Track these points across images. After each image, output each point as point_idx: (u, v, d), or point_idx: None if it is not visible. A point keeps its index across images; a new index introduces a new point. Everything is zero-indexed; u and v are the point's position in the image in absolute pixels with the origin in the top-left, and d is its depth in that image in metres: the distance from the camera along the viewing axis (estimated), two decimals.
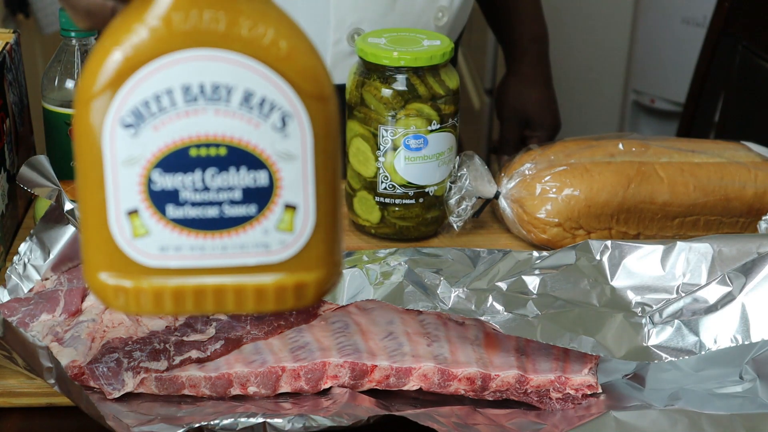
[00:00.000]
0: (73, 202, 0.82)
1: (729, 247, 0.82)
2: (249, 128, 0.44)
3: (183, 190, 0.44)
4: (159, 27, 0.42)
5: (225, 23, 0.42)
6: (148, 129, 0.43)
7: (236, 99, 0.43)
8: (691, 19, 2.03)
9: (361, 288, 0.80)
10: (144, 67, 0.43)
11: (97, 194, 0.44)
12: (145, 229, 0.45)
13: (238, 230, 0.45)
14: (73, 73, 0.98)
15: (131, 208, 0.44)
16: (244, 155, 0.44)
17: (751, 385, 0.79)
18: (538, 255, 0.85)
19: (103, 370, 0.75)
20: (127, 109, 0.43)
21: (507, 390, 0.78)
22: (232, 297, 0.46)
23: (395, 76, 0.94)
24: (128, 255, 0.45)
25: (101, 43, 0.43)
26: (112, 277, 0.45)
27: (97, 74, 0.43)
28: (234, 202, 0.45)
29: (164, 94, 0.43)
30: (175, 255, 0.45)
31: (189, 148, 0.44)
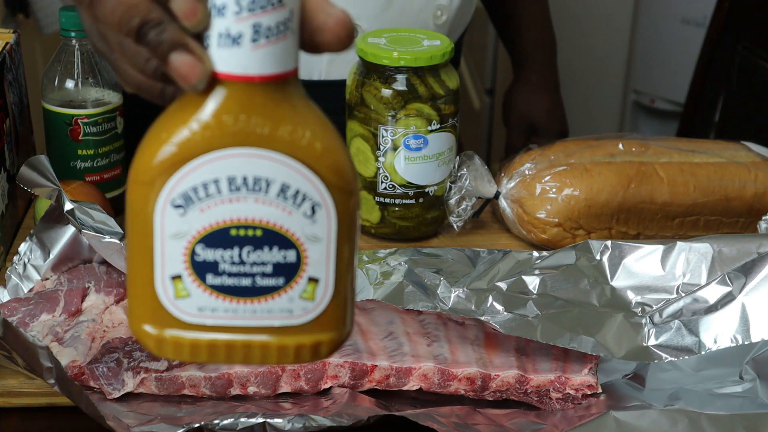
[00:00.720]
0: (73, 202, 0.82)
1: (729, 247, 0.82)
2: (283, 215, 0.50)
3: (222, 263, 0.51)
4: (211, 125, 0.48)
5: (269, 128, 0.48)
6: (195, 210, 0.50)
7: (274, 190, 0.50)
8: (691, 19, 2.03)
9: (361, 288, 0.80)
10: (195, 160, 0.49)
11: (146, 259, 0.51)
12: (186, 292, 0.51)
13: (267, 298, 0.51)
14: (73, 73, 0.98)
15: (175, 274, 0.51)
16: (277, 237, 0.50)
17: (751, 385, 0.79)
18: (538, 255, 0.85)
19: (103, 370, 0.75)
20: (177, 192, 0.49)
21: (507, 390, 0.78)
22: (258, 352, 0.52)
23: (395, 76, 0.94)
24: (170, 312, 0.51)
25: (158, 131, 0.49)
26: (155, 329, 0.52)
27: (153, 160, 0.49)
28: (265, 274, 0.51)
29: (211, 183, 0.49)
30: (210, 315, 0.51)
31: (230, 229, 0.50)
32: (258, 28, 0.47)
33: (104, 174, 1.01)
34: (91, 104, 0.99)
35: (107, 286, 0.84)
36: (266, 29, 0.47)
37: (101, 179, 1.01)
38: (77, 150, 0.99)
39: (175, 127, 0.49)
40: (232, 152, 0.49)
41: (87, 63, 0.98)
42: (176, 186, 0.49)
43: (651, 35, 2.12)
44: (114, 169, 1.02)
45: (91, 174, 1.00)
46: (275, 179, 0.49)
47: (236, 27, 0.47)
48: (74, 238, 0.86)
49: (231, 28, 0.47)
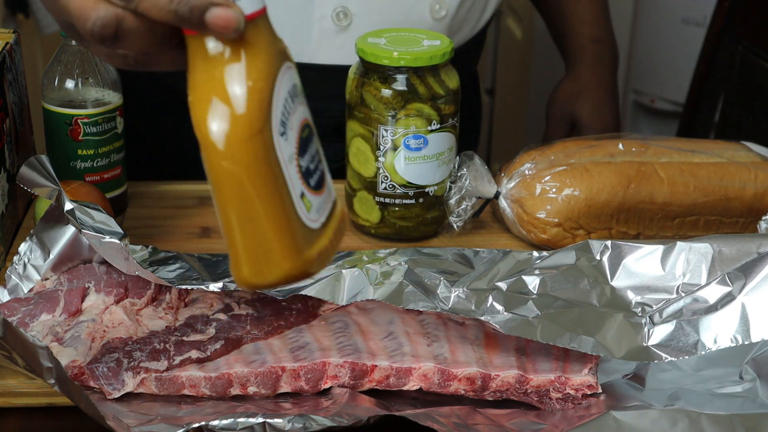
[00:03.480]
0: (73, 202, 0.82)
1: (729, 247, 0.82)
2: (307, 109, 0.59)
3: (310, 164, 0.58)
4: (270, 52, 0.56)
5: (282, 42, 0.58)
6: (289, 130, 0.56)
7: (299, 91, 0.59)
8: (691, 19, 2.02)
9: (361, 288, 0.80)
10: (275, 86, 0.55)
11: (282, 197, 0.56)
12: (309, 203, 0.58)
13: (324, 186, 0.60)
14: (73, 73, 0.98)
15: (301, 192, 0.57)
16: (311, 128, 0.59)
17: (751, 385, 0.79)
18: (538, 255, 0.85)
19: (103, 370, 0.75)
20: (277, 122, 0.55)
21: (507, 390, 0.78)
22: (338, 229, 0.61)
23: (395, 76, 0.94)
24: (311, 227, 0.58)
25: (232, 83, 0.54)
26: (312, 248, 0.58)
27: (254, 108, 0.54)
28: (319, 163, 0.60)
29: (288, 99, 0.56)
30: (321, 212, 0.59)
31: (302, 131, 0.57)
32: None
33: (104, 174, 1.01)
34: (91, 104, 0.99)
35: (107, 286, 0.84)
36: None
37: (101, 179, 1.01)
38: (77, 150, 0.99)
39: (251, 72, 0.54)
40: (284, 67, 0.56)
41: (87, 63, 0.98)
42: (275, 117, 0.55)
43: (651, 35, 2.12)
44: (114, 169, 1.02)
45: (91, 174, 1.00)
46: (297, 82, 0.58)
47: None
48: (74, 238, 0.86)
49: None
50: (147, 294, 0.84)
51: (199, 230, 1.02)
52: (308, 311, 0.84)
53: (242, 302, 0.84)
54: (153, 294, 0.84)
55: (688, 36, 2.01)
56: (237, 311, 0.83)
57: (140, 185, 1.10)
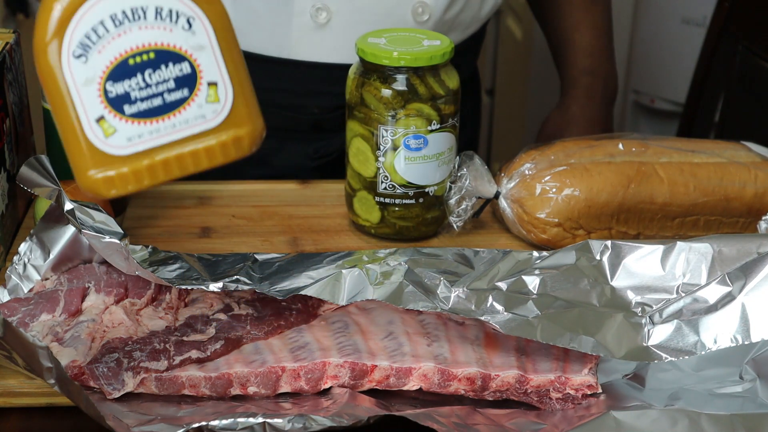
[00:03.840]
0: (73, 202, 0.82)
1: (729, 247, 0.82)
2: (166, 34, 0.58)
3: (132, 91, 0.59)
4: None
5: None
6: (94, 54, 0.58)
7: (151, 14, 0.58)
8: (691, 19, 2.02)
9: (361, 288, 0.80)
10: (79, 10, 0.57)
11: (70, 114, 0.58)
12: (113, 128, 0.59)
13: (180, 110, 0.60)
14: None
15: (98, 116, 0.59)
16: (168, 54, 0.59)
17: (751, 385, 0.79)
18: (538, 255, 0.85)
19: (103, 370, 0.75)
20: (75, 44, 0.57)
21: (507, 390, 0.78)
22: (190, 160, 0.61)
23: (395, 76, 0.94)
24: (106, 152, 0.59)
25: (44, 3, 0.57)
26: (99, 172, 0.59)
27: (47, 25, 0.57)
28: (170, 90, 0.59)
29: (99, 25, 0.57)
30: (139, 141, 0.59)
31: (127, 59, 0.58)
32: None
33: None
34: None
35: (107, 286, 0.84)
36: None
37: None
38: None
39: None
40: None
41: None
42: (72, 39, 0.57)
43: (651, 35, 2.12)
44: None
45: None
46: (148, 5, 0.58)
47: None
48: (74, 238, 0.86)
49: None
50: (147, 294, 0.84)
51: (199, 230, 1.02)
52: (308, 311, 0.84)
53: (242, 302, 0.84)
54: (153, 294, 0.84)
55: (688, 36, 2.01)
56: (237, 311, 0.83)
57: None
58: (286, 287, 0.80)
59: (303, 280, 0.81)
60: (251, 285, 0.80)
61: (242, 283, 0.80)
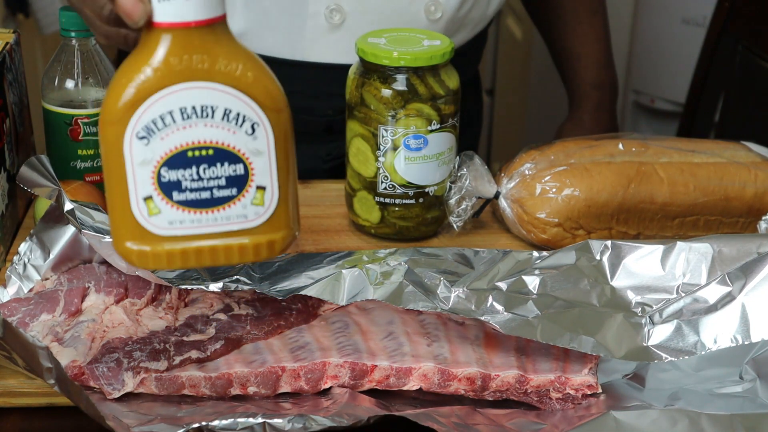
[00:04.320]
0: (73, 202, 0.82)
1: (729, 247, 0.82)
2: (229, 135, 0.60)
3: (183, 181, 0.61)
4: (161, 67, 0.59)
5: (208, 63, 0.59)
6: (156, 139, 0.60)
7: (218, 115, 0.60)
8: (691, 19, 2.02)
9: (361, 288, 0.80)
10: (152, 97, 0.59)
11: (122, 186, 0.61)
12: (158, 210, 0.61)
13: (225, 207, 0.62)
14: (73, 73, 0.98)
15: (147, 195, 0.61)
16: (226, 153, 0.61)
17: (751, 385, 0.79)
18: (538, 255, 0.85)
19: (103, 370, 0.75)
20: (140, 126, 0.60)
21: (507, 390, 0.78)
22: (222, 254, 0.63)
23: (395, 76, 0.94)
24: (147, 228, 0.62)
25: (119, 77, 0.60)
26: (135, 244, 0.62)
27: (117, 102, 0.59)
28: (220, 187, 0.61)
29: (167, 115, 0.59)
30: (180, 227, 0.62)
31: (186, 151, 0.60)
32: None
33: None
34: (91, 104, 0.99)
35: (107, 286, 0.84)
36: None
37: (101, 179, 1.01)
38: (77, 150, 0.99)
39: (133, 73, 0.59)
40: (180, 87, 0.59)
41: (87, 63, 0.98)
42: (139, 121, 0.60)
43: (651, 35, 2.12)
44: None
45: (91, 174, 1.00)
46: (218, 105, 0.60)
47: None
48: (74, 238, 0.86)
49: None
50: (147, 294, 0.84)
51: None
52: (308, 311, 0.84)
53: (242, 302, 0.84)
54: (153, 294, 0.84)
55: (688, 36, 2.01)
56: (237, 311, 0.83)
57: None
58: (286, 287, 0.80)
59: (303, 280, 0.81)
60: (251, 285, 0.80)
61: (242, 283, 0.80)
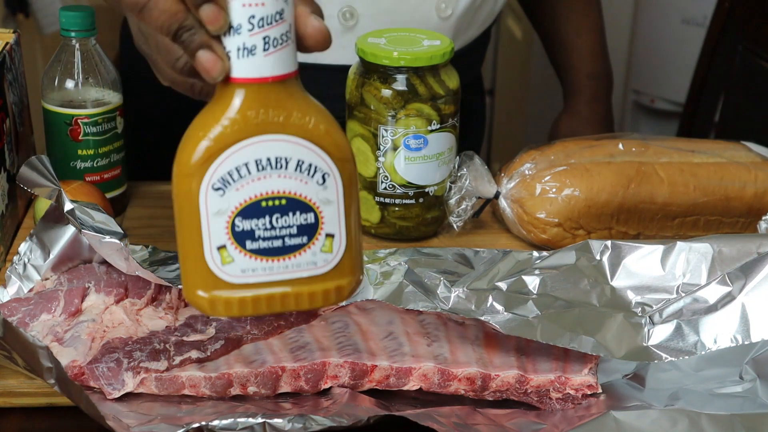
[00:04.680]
0: (73, 202, 0.82)
1: (729, 247, 0.82)
2: (301, 185, 0.62)
3: (257, 230, 0.62)
4: (238, 120, 0.60)
5: (283, 117, 0.61)
6: (231, 190, 0.61)
7: (292, 166, 0.61)
8: (691, 19, 2.03)
9: (361, 288, 0.80)
10: (228, 150, 0.60)
11: (196, 236, 0.61)
12: (231, 258, 0.62)
13: (295, 254, 0.63)
14: (73, 73, 0.98)
15: (221, 245, 0.62)
16: (298, 203, 0.62)
17: (751, 385, 0.79)
18: (538, 255, 0.85)
19: (103, 370, 0.75)
20: (216, 178, 0.61)
21: (507, 390, 0.78)
22: (292, 300, 0.63)
23: (395, 76, 0.94)
24: (219, 276, 0.62)
25: (195, 129, 0.61)
26: (207, 292, 0.62)
27: (193, 155, 0.60)
28: (292, 235, 0.62)
29: (242, 166, 0.61)
30: (252, 274, 0.62)
31: (260, 201, 0.61)
32: (267, 40, 0.59)
33: (104, 174, 1.01)
34: (91, 104, 0.99)
35: (107, 286, 0.84)
36: (273, 40, 0.59)
37: (101, 179, 1.01)
38: (77, 150, 0.99)
39: (210, 126, 0.60)
40: (256, 140, 0.61)
41: (87, 63, 0.98)
42: (215, 173, 0.61)
43: (651, 35, 2.12)
44: (114, 169, 1.02)
45: (91, 174, 1.00)
46: (292, 157, 0.61)
47: (251, 41, 0.59)
48: (74, 238, 0.86)
49: (247, 42, 0.59)
50: (147, 294, 0.84)
51: None
52: (308, 311, 0.84)
53: None
54: (153, 294, 0.84)
55: (688, 36, 2.01)
56: None
57: (140, 185, 1.10)
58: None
59: None
60: None
61: None
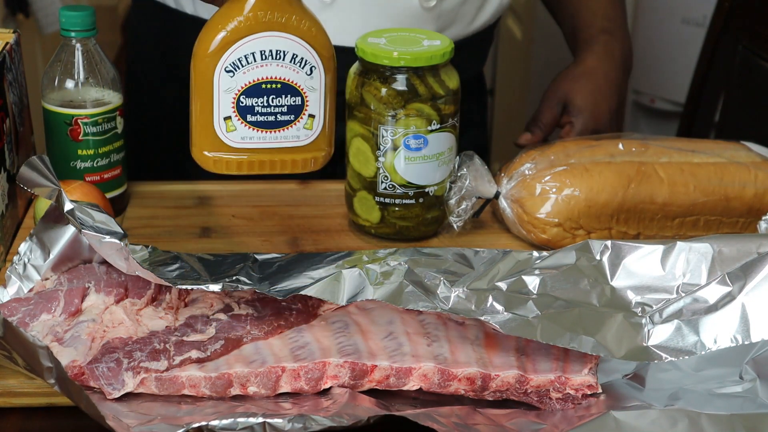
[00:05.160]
0: (73, 202, 0.82)
1: (729, 247, 0.82)
2: (293, 74, 0.80)
3: (256, 106, 0.80)
4: (250, 18, 0.78)
5: (285, 18, 0.79)
6: (240, 73, 0.79)
7: (288, 58, 0.80)
8: (691, 19, 2.03)
9: (361, 288, 0.80)
10: (240, 41, 0.78)
11: (207, 107, 0.80)
12: (234, 127, 0.81)
13: (284, 128, 0.82)
14: (73, 73, 0.98)
15: (227, 116, 0.80)
16: (290, 87, 0.81)
17: (751, 385, 0.79)
18: (538, 255, 0.85)
19: (103, 370, 0.75)
20: (228, 62, 0.79)
21: (507, 390, 0.78)
22: (278, 165, 0.83)
23: (395, 76, 0.94)
24: (223, 141, 0.81)
25: (216, 22, 0.78)
26: (212, 153, 0.81)
27: (212, 42, 0.78)
28: (283, 113, 0.81)
29: (250, 55, 0.79)
30: (249, 141, 0.81)
31: (261, 84, 0.80)
32: None
33: (104, 174, 1.01)
34: (91, 104, 0.99)
35: (107, 286, 0.84)
36: None
37: (101, 179, 1.01)
38: (77, 150, 0.99)
39: (227, 20, 0.78)
40: (262, 35, 0.78)
41: (87, 63, 0.98)
42: (228, 58, 0.78)
43: (651, 35, 2.12)
44: (114, 169, 1.02)
45: (91, 174, 1.00)
46: (288, 51, 0.79)
47: None
48: (74, 238, 0.86)
49: None
50: (147, 294, 0.84)
51: (199, 230, 1.02)
52: (308, 311, 0.84)
53: (242, 302, 0.84)
54: (153, 294, 0.84)
55: (688, 36, 2.01)
56: (237, 311, 0.83)
57: (140, 185, 1.10)
58: (286, 287, 0.80)
59: (303, 280, 0.81)
60: (251, 285, 0.80)
61: (242, 283, 0.80)
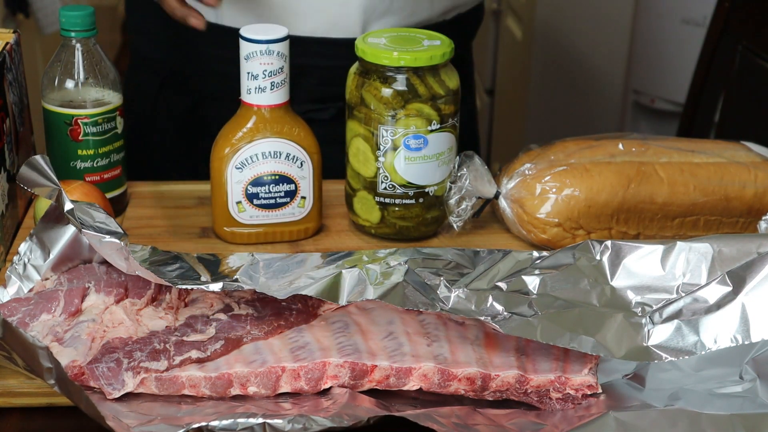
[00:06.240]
0: (73, 202, 0.82)
1: (729, 247, 0.82)
2: (288, 167, 0.97)
3: (260, 193, 0.97)
4: (252, 129, 0.96)
5: (278, 128, 0.96)
6: (247, 169, 0.96)
7: (283, 156, 0.96)
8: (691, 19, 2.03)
9: (361, 288, 0.80)
10: (246, 146, 0.95)
11: (223, 194, 0.97)
12: (244, 209, 0.98)
13: (282, 208, 0.99)
14: (73, 73, 0.98)
15: (238, 200, 0.97)
16: (286, 178, 0.97)
17: (751, 385, 0.79)
18: (538, 255, 0.85)
19: (103, 370, 0.75)
20: (238, 162, 0.96)
21: (507, 390, 0.78)
22: (278, 234, 1.00)
23: (395, 76, 0.94)
24: (237, 219, 0.98)
25: (226, 132, 0.96)
26: (229, 228, 0.99)
27: (225, 148, 0.96)
28: (280, 197, 0.98)
29: (254, 155, 0.96)
30: (256, 218, 0.99)
31: (263, 176, 0.97)
32: (273, 84, 0.94)
33: (104, 174, 1.01)
34: (91, 104, 0.99)
35: (107, 286, 0.84)
36: (277, 84, 0.94)
37: (101, 179, 1.01)
38: (77, 150, 0.99)
39: (236, 131, 0.96)
40: (262, 140, 0.95)
41: (87, 63, 0.98)
42: (237, 158, 0.96)
43: (651, 35, 2.12)
44: (114, 169, 1.02)
45: (91, 174, 1.00)
46: (283, 151, 0.96)
47: (263, 84, 0.94)
48: (74, 238, 0.86)
49: (260, 84, 0.94)
50: (147, 294, 0.84)
51: (199, 230, 1.02)
52: (308, 311, 0.84)
53: (242, 302, 0.84)
54: (153, 294, 0.84)
55: (688, 36, 2.01)
56: (237, 311, 0.83)
57: (140, 185, 1.10)
58: (286, 287, 0.80)
59: (303, 280, 0.81)
60: (251, 285, 0.80)
61: (242, 283, 0.80)
